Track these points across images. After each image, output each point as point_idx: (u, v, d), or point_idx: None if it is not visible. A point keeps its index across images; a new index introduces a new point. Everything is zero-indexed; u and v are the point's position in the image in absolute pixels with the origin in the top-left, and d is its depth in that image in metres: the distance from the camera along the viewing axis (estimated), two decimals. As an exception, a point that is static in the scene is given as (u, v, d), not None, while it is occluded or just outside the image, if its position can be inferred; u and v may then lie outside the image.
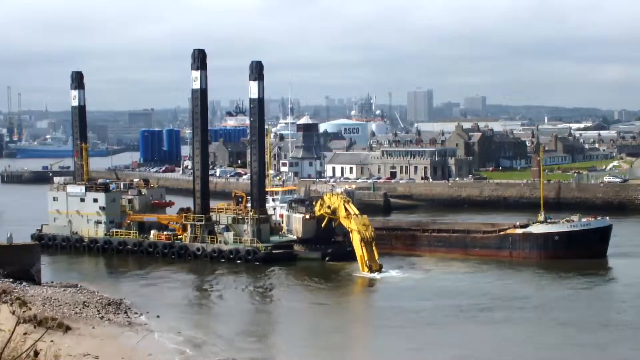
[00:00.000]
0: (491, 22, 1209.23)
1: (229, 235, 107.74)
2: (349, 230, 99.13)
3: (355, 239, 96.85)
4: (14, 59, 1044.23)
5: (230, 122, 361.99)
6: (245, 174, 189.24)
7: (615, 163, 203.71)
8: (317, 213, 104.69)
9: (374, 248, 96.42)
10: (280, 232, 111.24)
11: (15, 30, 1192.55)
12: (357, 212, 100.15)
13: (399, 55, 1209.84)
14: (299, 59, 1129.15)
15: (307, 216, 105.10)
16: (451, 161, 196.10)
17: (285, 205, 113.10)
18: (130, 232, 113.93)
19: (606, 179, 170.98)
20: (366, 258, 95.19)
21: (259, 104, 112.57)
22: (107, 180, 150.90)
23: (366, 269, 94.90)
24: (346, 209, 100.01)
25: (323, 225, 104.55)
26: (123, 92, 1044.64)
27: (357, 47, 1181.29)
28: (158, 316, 73.84)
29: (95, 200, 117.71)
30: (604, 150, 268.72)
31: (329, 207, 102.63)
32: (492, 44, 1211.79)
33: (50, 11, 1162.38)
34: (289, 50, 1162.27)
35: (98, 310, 71.70)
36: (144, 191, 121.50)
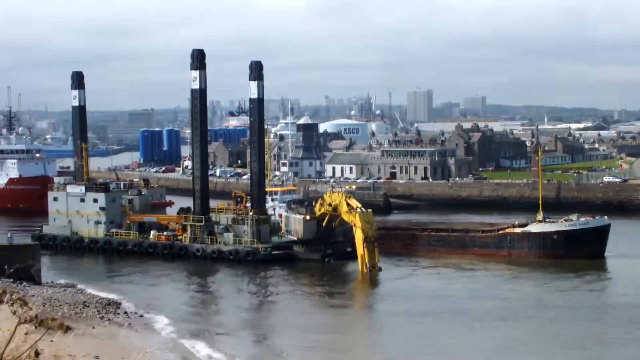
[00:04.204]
0: (497, 24, 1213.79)
1: (229, 236, 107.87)
2: (352, 224, 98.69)
3: (358, 237, 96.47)
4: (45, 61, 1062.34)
5: (233, 122, 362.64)
6: (245, 174, 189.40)
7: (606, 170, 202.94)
8: (318, 213, 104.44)
9: (375, 249, 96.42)
10: (279, 233, 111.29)
11: (53, 34, 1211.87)
12: (359, 205, 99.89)
13: (417, 58, 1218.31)
14: (318, 60, 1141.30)
15: (308, 217, 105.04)
16: (451, 161, 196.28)
17: (284, 205, 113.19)
18: (130, 233, 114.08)
19: (606, 179, 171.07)
20: (367, 259, 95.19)
21: (258, 104, 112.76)
22: (107, 180, 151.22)
23: (365, 270, 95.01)
24: (348, 204, 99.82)
25: (324, 224, 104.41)
26: (142, 91, 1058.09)
27: (378, 50, 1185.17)
28: (158, 316, 74.02)
29: (95, 201, 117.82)
30: (603, 150, 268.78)
31: (329, 204, 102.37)
32: (493, 45, 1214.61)
33: (100, 15, 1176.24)
34: (312, 52, 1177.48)
35: (98, 310, 71.85)
36: (144, 191, 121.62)
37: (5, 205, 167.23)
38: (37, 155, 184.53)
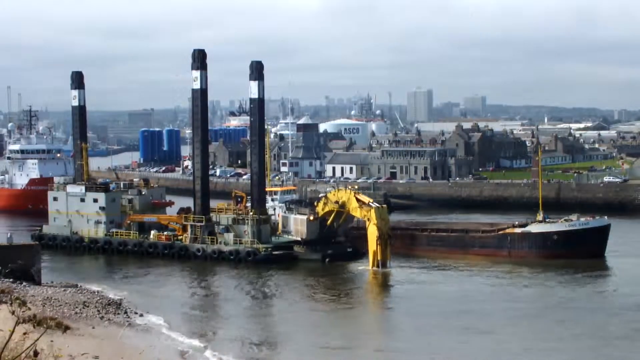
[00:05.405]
0: (499, 25, 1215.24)
1: (229, 236, 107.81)
2: (366, 220, 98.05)
3: (372, 233, 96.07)
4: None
5: (234, 122, 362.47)
6: (245, 174, 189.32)
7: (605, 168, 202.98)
8: (321, 212, 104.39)
9: (388, 247, 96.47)
10: (277, 233, 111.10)
11: (75, 35, 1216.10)
12: (371, 200, 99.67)
13: (419, 59, 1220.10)
14: (325, 61, 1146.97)
15: (311, 217, 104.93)
16: (451, 161, 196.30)
17: (284, 205, 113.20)
18: (130, 233, 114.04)
19: (606, 179, 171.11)
20: (379, 257, 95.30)
21: (259, 104, 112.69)
22: (107, 180, 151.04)
23: (376, 267, 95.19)
24: (358, 200, 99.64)
25: (328, 222, 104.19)
26: (145, 91, 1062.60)
27: (384, 50, 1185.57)
28: (158, 316, 73.96)
29: (95, 200, 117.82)
30: (604, 150, 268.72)
31: (336, 202, 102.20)
32: (494, 45, 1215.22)
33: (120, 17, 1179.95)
34: (319, 53, 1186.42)
35: (98, 310, 71.75)
36: (144, 191, 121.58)
37: (26, 206, 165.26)
38: (58, 155, 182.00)
